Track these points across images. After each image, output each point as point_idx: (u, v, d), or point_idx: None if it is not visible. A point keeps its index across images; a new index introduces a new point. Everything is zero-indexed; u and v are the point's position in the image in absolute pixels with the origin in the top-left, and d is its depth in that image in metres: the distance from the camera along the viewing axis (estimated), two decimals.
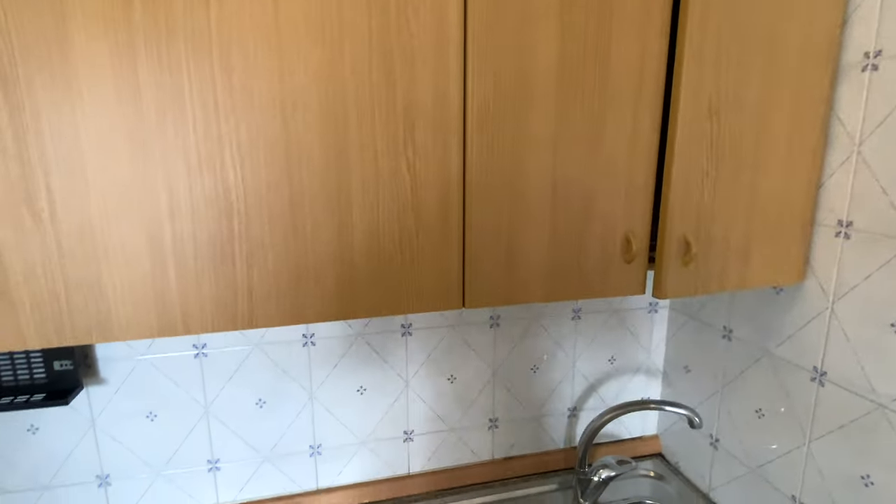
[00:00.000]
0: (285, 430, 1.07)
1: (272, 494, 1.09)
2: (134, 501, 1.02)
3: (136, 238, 0.60)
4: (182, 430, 1.02)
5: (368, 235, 0.67)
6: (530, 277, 0.74)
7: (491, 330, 1.14)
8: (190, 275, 0.62)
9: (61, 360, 0.90)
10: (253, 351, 1.02)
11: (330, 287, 0.67)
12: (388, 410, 1.11)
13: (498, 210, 0.70)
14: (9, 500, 0.96)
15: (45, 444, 0.96)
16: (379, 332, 1.07)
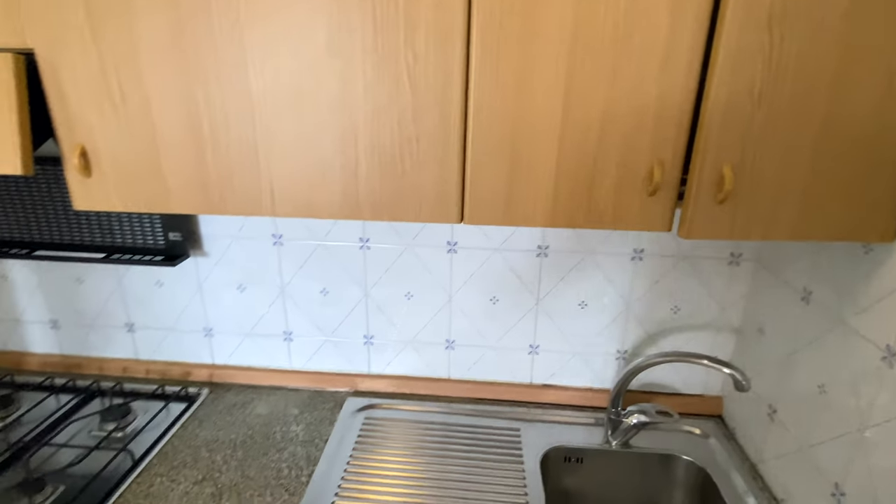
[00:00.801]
0: (343, 318, 1.22)
1: (331, 370, 1.27)
2: (229, 353, 1.28)
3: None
4: (264, 303, 1.22)
5: (370, 140, 0.71)
6: (534, 199, 0.72)
7: (537, 259, 1.12)
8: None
9: (174, 232, 1.13)
10: (318, 247, 1.16)
11: (337, 189, 0.73)
12: (432, 318, 1.20)
13: (502, 123, 0.68)
14: (147, 335, 1.28)
15: (168, 296, 1.24)
16: (426, 245, 1.13)
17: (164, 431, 1.09)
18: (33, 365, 1.32)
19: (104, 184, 0.76)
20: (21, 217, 1.14)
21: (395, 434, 1.10)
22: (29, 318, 1.29)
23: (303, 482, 0.97)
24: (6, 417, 1.12)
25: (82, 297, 1.26)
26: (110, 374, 1.30)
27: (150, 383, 1.26)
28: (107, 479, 0.96)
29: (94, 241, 1.15)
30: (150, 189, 0.76)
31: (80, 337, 1.30)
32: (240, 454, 1.04)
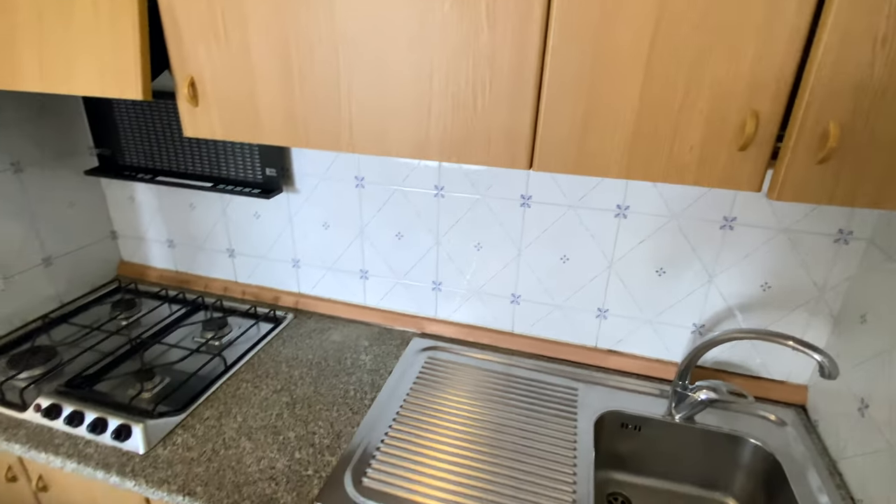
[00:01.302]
0: (415, 263, 1.27)
1: (401, 310, 1.34)
2: (313, 284, 1.40)
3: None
4: (345, 242, 1.31)
5: (445, 80, 0.71)
6: (608, 148, 0.69)
7: (615, 220, 1.08)
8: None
9: (270, 168, 1.23)
10: (395, 192, 1.20)
11: (409, 128, 0.75)
12: (500, 271, 1.21)
13: (581, 65, 0.65)
14: (245, 260, 1.43)
15: (263, 227, 1.36)
16: (499, 198, 1.13)
17: (252, 345, 1.23)
18: (153, 277, 1.53)
19: (209, 113, 0.84)
20: (147, 147, 1.30)
21: (454, 376, 1.15)
22: (151, 236, 1.49)
23: (365, 404, 1.06)
24: (129, 318, 1.33)
25: (194, 222, 1.42)
26: (213, 292, 1.48)
27: (244, 303, 1.41)
28: (203, 377, 1.10)
29: (204, 172, 1.29)
30: (246, 120, 0.83)
31: (190, 257, 1.48)
32: (314, 373, 1.15)
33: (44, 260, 1.32)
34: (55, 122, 1.30)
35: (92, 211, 1.43)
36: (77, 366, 1.12)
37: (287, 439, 0.96)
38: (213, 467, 0.89)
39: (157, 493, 0.85)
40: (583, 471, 0.91)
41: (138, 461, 0.90)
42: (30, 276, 1.29)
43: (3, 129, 1.19)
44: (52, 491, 1.02)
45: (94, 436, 0.94)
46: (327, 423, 1.00)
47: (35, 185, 1.27)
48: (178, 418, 0.99)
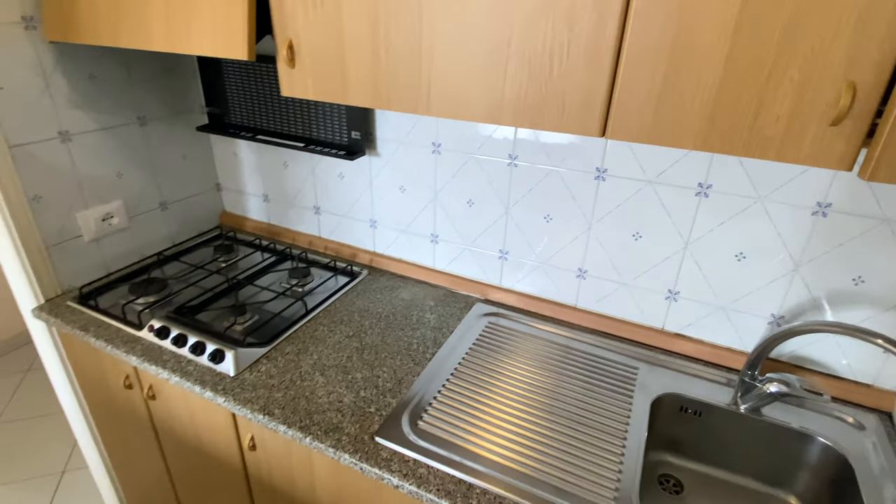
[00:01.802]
0: (483, 230, 1.30)
1: (467, 275, 1.38)
2: (387, 244, 1.48)
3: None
4: (419, 206, 1.37)
5: (522, 43, 0.72)
6: (686, 118, 0.67)
7: (696, 198, 1.04)
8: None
9: (355, 131, 1.31)
10: (469, 160, 1.24)
11: (483, 91, 0.78)
12: (568, 244, 1.21)
13: (663, 29, 0.64)
14: (328, 218, 1.54)
15: (346, 188, 1.46)
16: (573, 169, 1.13)
17: (330, 294, 1.33)
18: (249, 227, 1.69)
19: (303, 74, 0.92)
20: (250, 108, 1.43)
21: (513, 342, 1.18)
22: (250, 190, 1.64)
23: (426, 358, 1.12)
24: (228, 261, 1.49)
25: (286, 180, 1.55)
26: (299, 245, 1.61)
27: (326, 257, 1.53)
28: (286, 318, 1.23)
29: (298, 133, 1.39)
30: (335, 81, 0.90)
31: (282, 212, 1.62)
32: (382, 324, 1.23)
33: (160, 204, 1.51)
34: (175, 82, 1.46)
35: (201, 164, 1.61)
36: (183, 297, 1.29)
37: (354, 379, 1.05)
38: (289, 394, 1.00)
39: (241, 410, 0.98)
40: (633, 446, 0.92)
41: (228, 381, 1.03)
42: (149, 217, 1.48)
43: (134, 86, 1.36)
44: (158, 399, 1.20)
45: (194, 356, 1.09)
46: (391, 369, 1.08)
47: (156, 137, 1.45)
48: (264, 350, 1.11)
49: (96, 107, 1.28)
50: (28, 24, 1.12)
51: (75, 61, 1.22)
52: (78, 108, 1.25)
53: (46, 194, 1.22)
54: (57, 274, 1.28)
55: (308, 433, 0.92)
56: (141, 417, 1.28)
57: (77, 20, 1.05)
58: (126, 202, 1.41)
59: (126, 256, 1.44)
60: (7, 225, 1.17)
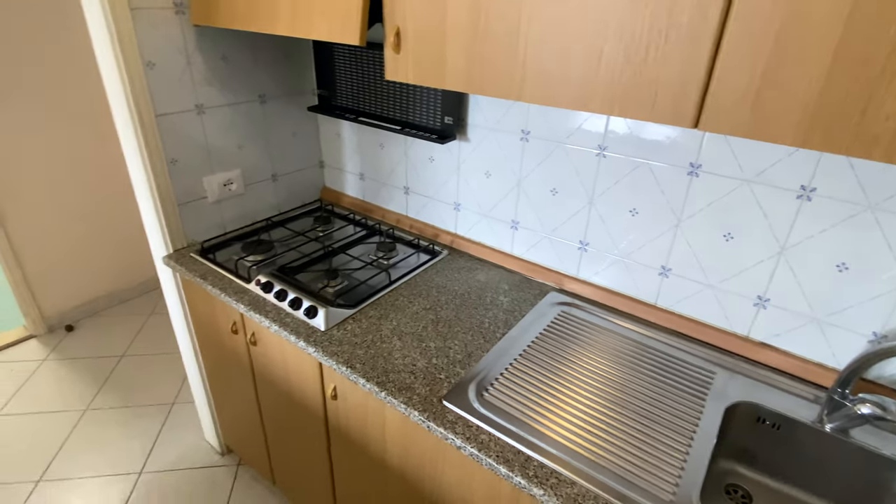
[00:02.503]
0: (565, 220, 1.31)
1: (544, 263, 1.40)
2: (468, 227, 1.53)
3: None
4: (502, 191, 1.41)
5: (620, 29, 0.73)
6: (786, 110, 0.65)
7: (797, 201, 0.98)
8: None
9: (448, 117, 1.37)
10: (557, 148, 1.25)
11: (575, 77, 0.80)
12: (653, 240, 1.19)
13: (769, 18, 0.62)
14: (415, 198, 1.62)
15: (434, 171, 1.53)
16: (665, 163, 1.11)
17: (411, 269, 1.42)
18: (344, 202, 1.83)
19: (406, 60, 0.99)
20: (355, 91, 1.54)
21: (585, 333, 1.19)
22: (348, 168, 1.78)
23: (497, 336, 1.17)
24: (324, 231, 1.63)
25: (381, 160, 1.66)
26: (387, 221, 1.72)
27: (410, 235, 1.62)
28: (371, 286, 1.33)
29: (395, 116, 1.48)
30: (434, 67, 0.96)
31: (374, 189, 1.73)
32: (457, 301, 1.29)
33: (272, 176, 1.68)
34: (292, 66, 1.61)
35: (308, 142, 1.76)
36: (285, 259, 1.43)
37: (428, 347, 1.12)
38: (370, 353, 1.10)
39: (328, 361, 1.09)
40: (699, 448, 0.90)
41: (319, 335, 1.15)
42: (261, 186, 1.66)
43: (258, 68, 1.52)
44: (258, 345, 1.35)
45: (292, 310, 1.22)
46: (462, 343, 1.14)
47: (272, 115, 1.61)
48: (350, 311, 1.22)
49: (226, 85, 1.46)
50: (178, 10, 1.30)
51: (212, 44, 1.39)
52: (211, 86, 1.42)
53: (181, 159, 1.41)
54: (184, 229, 1.48)
55: (384, 388, 1.00)
56: (242, 360, 1.46)
57: (218, 7, 1.21)
58: (244, 171, 1.58)
59: (240, 219, 1.62)
60: (149, 183, 1.37)
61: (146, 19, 1.24)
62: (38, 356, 2.43)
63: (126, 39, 1.20)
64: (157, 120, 1.33)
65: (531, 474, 0.84)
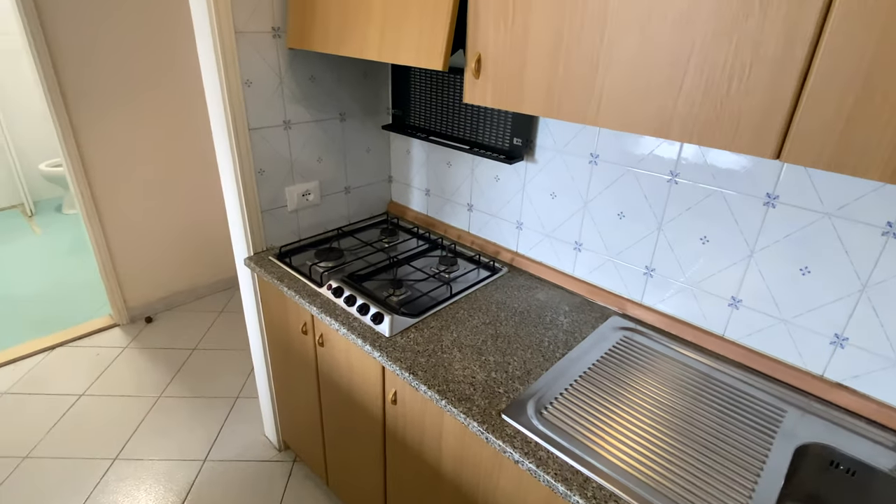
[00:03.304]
0: (631, 244, 1.31)
1: (606, 287, 1.40)
2: (529, 246, 1.56)
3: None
4: (567, 212, 1.42)
5: (703, 59, 0.75)
6: (873, 145, 0.64)
7: (882, 237, 0.94)
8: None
9: (517, 138, 1.41)
10: (627, 173, 1.26)
11: (654, 104, 0.82)
12: (723, 270, 1.17)
13: (859, 57, 0.62)
14: (478, 216, 1.67)
15: (499, 190, 1.57)
16: (740, 192, 1.09)
17: (472, 284, 1.46)
18: (409, 216, 1.90)
19: (485, 85, 1.05)
20: (427, 112, 1.62)
21: (648, 360, 1.18)
22: (415, 184, 1.85)
23: (556, 356, 1.18)
24: (390, 242, 1.70)
25: (447, 177, 1.72)
26: (449, 237, 1.77)
27: (471, 251, 1.66)
28: (433, 297, 1.38)
29: (464, 136, 1.54)
30: (512, 91, 1.01)
31: (439, 205, 1.79)
32: (517, 318, 1.32)
33: (345, 188, 1.78)
34: (371, 87, 1.72)
35: (380, 157, 1.85)
36: (354, 267, 1.51)
37: (487, 361, 1.15)
38: (431, 361, 1.14)
39: (392, 366, 1.14)
40: (765, 489, 0.87)
41: (384, 341, 1.20)
42: (336, 198, 1.76)
43: (341, 88, 1.63)
44: (325, 346, 1.43)
45: (360, 315, 1.29)
46: (521, 360, 1.16)
47: (350, 131, 1.72)
48: (413, 320, 1.27)
49: (312, 103, 1.57)
50: (275, 34, 1.43)
51: (302, 65, 1.51)
52: (299, 103, 1.54)
53: (268, 169, 1.53)
54: (265, 234, 1.59)
55: (444, 396, 1.04)
56: (308, 360, 1.54)
57: (313, 33, 1.32)
58: (321, 183, 1.69)
59: (314, 227, 1.73)
60: (239, 191, 1.50)
61: (248, 42, 1.37)
62: (121, 344, 2.65)
63: (229, 60, 1.34)
64: (250, 133, 1.45)
65: (589, 495, 0.85)
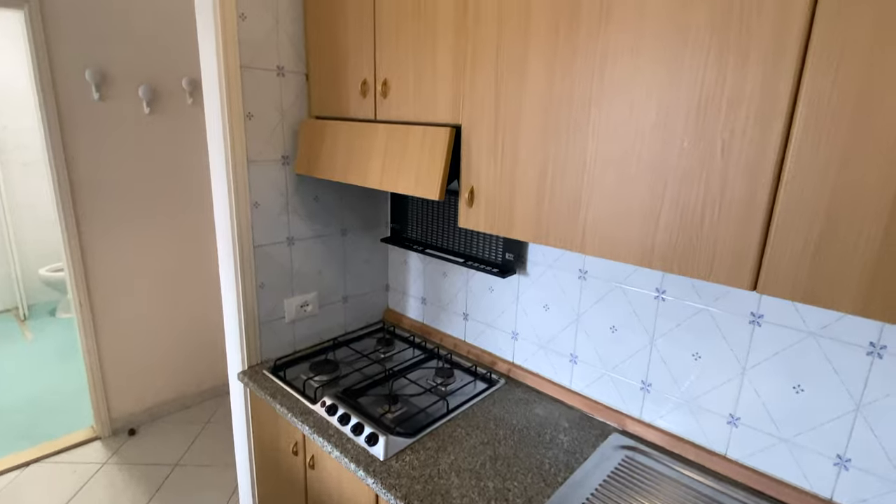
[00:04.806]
0: (626, 358, 1.33)
1: (604, 402, 1.39)
2: (525, 357, 1.56)
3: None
4: (560, 325, 1.45)
5: (675, 198, 0.83)
6: (843, 279, 0.69)
7: (867, 357, 0.97)
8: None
9: (509, 253, 1.48)
10: (615, 288, 1.31)
11: (635, 237, 0.88)
12: (718, 386, 1.17)
13: (817, 197, 0.69)
14: (474, 325, 1.69)
15: (494, 300, 1.61)
16: (726, 311, 1.13)
17: (469, 398, 1.44)
18: (405, 324, 1.92)
19: (478, 212, 1.13)
20: (424, 226, 1.71)
21: (652, 484, 1.14)
22: (411, 293, 1.89)
23: (558, 481, 1.14)
24: (386, 353, 1.70)
25: (443, 287, 1.77)
26: (446, 346, 1.78)
27: (468, 361, 1.66)
28: (429, 414, 1.35)
29: (459, 249, 1.62)
30: (503, 219, 1.08)
31: (435, 314, 1.82)
32: (516, 437, 1.29)
33: (343, 298, 1.81)
34: (371, 204, 1.82)
35: (378, 268, 1.91)
36: (350, 380, 1.50)
37: (486, 487, 1.11)
38: (427, 489, 1.10)
39: (386, 494, 1.09)
40: None
41: (378, 465, 1.17)
42: (333, 307, 1.79)
43: (343, 206, 1.73)
44: (316, 468, 1.37)
45: (353, 436, 1.25)
46: (521, 485, 1.12)
47: (350, 244, 1.79)
48: (409, 441, 1.24)
49: (315, 220, 1.66)
50: (284, 162, 1.55)
51: (307, 187, 1.62)
52: (303, 221, 1.63)
53: (269, 282, 1.58)
54: (261, 346, 1.60)
55: None
56: (298, 482, 1.47)
57: (319, 163, 1.43)
58: (320, 294, 1.73)
59: (310, 338, 1.74)
60: (239, 304, 1.53)
61: (258, 169, 1.48)
62: (100, 459, 2.52)
63: (241, 186, 1.43)
64: (254, 250, 1.51)
65: None
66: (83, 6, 2.26)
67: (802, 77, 0.69)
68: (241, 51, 1.37)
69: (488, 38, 1.03)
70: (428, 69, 1.18)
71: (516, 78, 1.00)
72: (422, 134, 1.15)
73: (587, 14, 0.88)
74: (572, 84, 0.92)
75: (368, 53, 1.32)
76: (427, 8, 1.15)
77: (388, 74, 1.28)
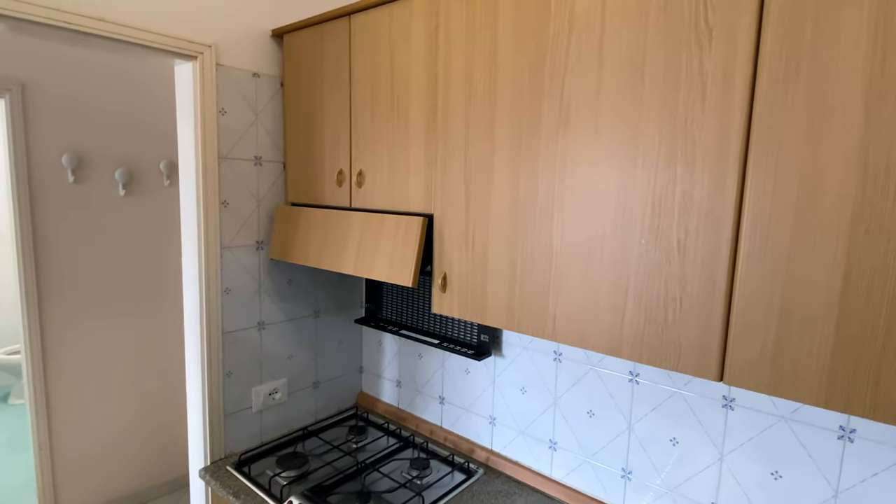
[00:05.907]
0: (605, 444, 1.30)
1: (586, 491, 1.34)
2: (505, 443, 1.51)
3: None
4: (538, 409, 1.43)
5: (639, 294, 0.85)
6: (803, 371, 0.71)
7: (839, 441, 0.97)
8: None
9: (484, 335, 1.48)
10: (590, 371, 1.31)
11: (604, 328, 0.90)
12: (699, 473, 1.15)
13: (770, 292, 0.73)
14: (451, 409, 1.65)
15: (470, 383, 1.58)
16: (698, 395, 1.14)
17: (447, 492, 1.37)
18: (380, 409, 1.86)
19: (451, 298, 1.14)
20: (398, 308, 1.71)
21: None
22: (386, 375, 1.85)
23: None
24: (358, 442, 1.63)
25: (419, 369, 1.73)
26: (422, 432, 1.71)
27: (445, 449, 1.60)
28: None
29: (434, 331, 1.61)
30: (476, 306, 1.09)
31: (410, 397, 1.77)
32: None
33: (314, 383, 1.76)
34: (345, 285, 1.82)
35: (352, 349, 1.88)
36: (319, 475, 1.42)
37: None
38: None
39: None
40: None
41: None
42: (303, 394, 1.72)
43: (317, 289, 1.73)
44: None
45: None
46: None
47: (323, 326, 1.76)
48: None
49: (288, 303, 1.64)
50: (258, 247, 1.55)
51: (281, 270, 1.62)
52: (275, 304, 1.61)
53: (236, 370, 1.52)
54: (225, 439, 1.51)
55: None
56: None
57: (294, 249, 1.44)
58: (289, 380, 1.67)
59: (278, 427, 1.66)
60: (203, 396, 1.46)
61: (231, 255, 1.48)
62: None
63: (212, 273, 1.42)
64: (222, 338, 1.48)
65: None
66: (65, 94, 2.32)
67: (746, 178, 0.74)
68: (219, 143, 1.42)
69: (457, 139, 1.09)
70: (401, 162, 1.23)
71: (484, 176, 1.05)
72: (395, 223, 1.18)
73: (547, 121, 0.95)
74: (536, 184, 0.98)
75: (345, 146, 1.38)
76: (400, 107, 1.22)
77: (363, 165, 1.33)
